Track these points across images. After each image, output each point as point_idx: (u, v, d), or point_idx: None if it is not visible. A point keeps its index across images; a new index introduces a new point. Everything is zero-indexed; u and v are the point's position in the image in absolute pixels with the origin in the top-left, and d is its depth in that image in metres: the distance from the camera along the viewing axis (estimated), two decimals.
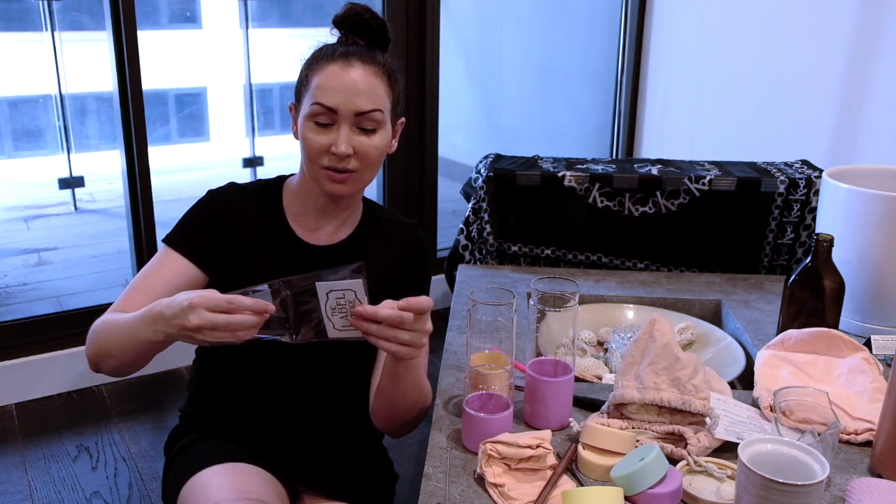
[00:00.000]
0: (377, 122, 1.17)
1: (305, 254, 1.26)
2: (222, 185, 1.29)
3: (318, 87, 1.16)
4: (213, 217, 1.24)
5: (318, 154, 1.17)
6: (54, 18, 3.04)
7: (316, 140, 1.17)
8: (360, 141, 1.17)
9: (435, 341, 1.30)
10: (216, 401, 1.29)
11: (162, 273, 1.21)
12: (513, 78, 4.28)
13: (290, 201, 1.28)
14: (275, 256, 1.25)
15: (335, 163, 1.16)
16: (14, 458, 2.03)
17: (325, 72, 1.16)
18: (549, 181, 1.88)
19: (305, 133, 1.18)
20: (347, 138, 1.15)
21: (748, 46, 2.75)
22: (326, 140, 1.16)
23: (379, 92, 1.18)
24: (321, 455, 1.28)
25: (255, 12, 3.32)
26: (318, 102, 1.15)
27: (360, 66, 1.16)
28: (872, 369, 1.27)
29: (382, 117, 1.18)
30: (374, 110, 1.16)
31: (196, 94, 6.10)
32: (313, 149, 1.17)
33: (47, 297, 3.08)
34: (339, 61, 1.16)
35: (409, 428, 1.26)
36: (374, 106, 1.16)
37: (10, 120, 4.91)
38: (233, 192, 1.27)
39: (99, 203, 4.31)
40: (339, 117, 1.15)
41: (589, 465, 1.03)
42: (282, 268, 1.23)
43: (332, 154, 1.16)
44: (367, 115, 1.16)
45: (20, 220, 4.01)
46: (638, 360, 1.11)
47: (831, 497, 1.01)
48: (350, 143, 1.16)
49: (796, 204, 1.86)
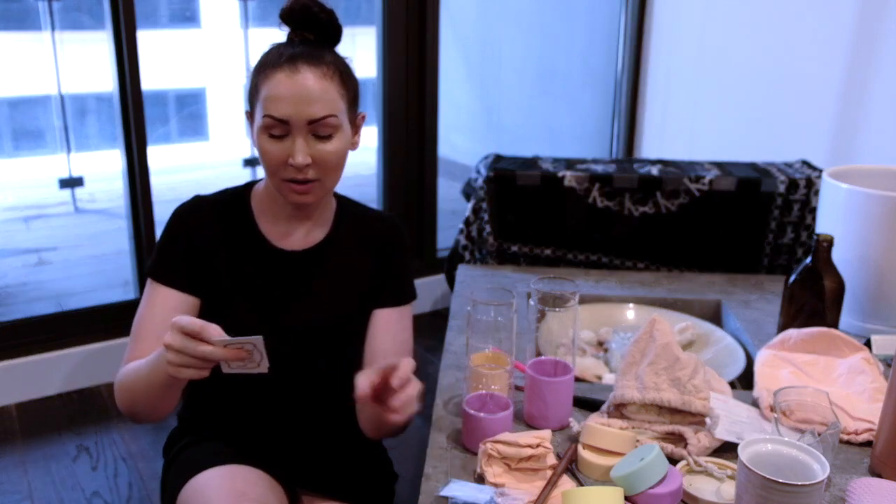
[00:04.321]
0: (333, 128, 1.13)
1: (280, 260, 1.24)
2: (188, 201, 1.26)
3: (268, 98, 1.12)
4: (185, 236, 1.22)
5: (277, 166, 1.14)
6: (54, 18, 3.04)
7: (272, 152, 1.13)
8: (318, 149, 1.13)
9: (435, 341, 1.30)
10: (213, 403, 1.29)
11: (156, 314, 1.20)
12: (513, 78, 4.28)
13: (259, 208, 1.25)
14: (251, 267, 1.23)
15: (294, 174, 1.13)
16: (14, 458, 2.03)
17: (272, 80, 1.12)
18: (548, 181, 1.88)
19: (261, 145, 1.14)
20: (303, 148, 1.12)
21: (748, 46, 2.75)
22: (282, 151, 1.13)
23: (331, 96, 1.13)
24: (320, 455, 1.28)
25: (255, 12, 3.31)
26: (269, 115, 1.12)
27: (307, 70, 1.12)
28: (872, 369, 1.27)
29: (337, 121, 1.14)
30: (328, 116, 1.12)
31: (196, 94, 6.10)
32: (271, 161, 1.14)
33: (47, 297, 3.08)
34: (286, 68, 1.12)
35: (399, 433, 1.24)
36: (328, 111, 1.12)
37: (10, 120, 4.91)
38: (199, 205, 1.25)
39: (99, 203, 4.31)
40: (292, 127, 1.12)
41: (589, 465, 1.03)
42: (260, 277, 1.22)
43: (289, 166, 1.13)
44: (320, 121, 1.12)
45: (20, 220, 4.01)
46: (638, 361, 1.11)
47: (831, 497, 1.01)
48: (307, 153, 1.12)
49: (796, 204, 1.86)
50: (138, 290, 2.50)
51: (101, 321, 2.41)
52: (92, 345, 2.38)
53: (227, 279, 1.22)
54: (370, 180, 2.97)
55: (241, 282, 1.22)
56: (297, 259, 1.24)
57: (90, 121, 4.90)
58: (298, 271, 1.24)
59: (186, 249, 1.21)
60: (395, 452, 1.48)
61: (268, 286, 1.22)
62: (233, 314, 1.21)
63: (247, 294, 1.22)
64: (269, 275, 1.23)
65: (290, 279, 1.23)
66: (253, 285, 1.21)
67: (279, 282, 1.23)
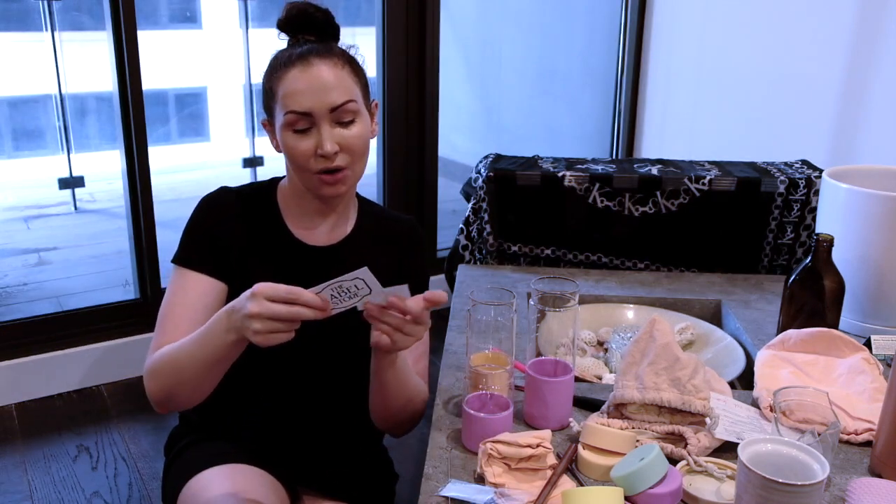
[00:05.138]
0: (354, 113, 1.16)
1: (305, 255, 1.25)
2: (214, 191, 1.27)
3: (286, 96, 1.14)
4: (213, 223, 1.23)
5: (306, 160, 1.16)
6: (54, 18, 3.04)
7: (300, 147, 1.15)
8: (343, 135, 1.15)
9: (435, 341, 1.30)
10: (214, 402, 1.29)
11: (188, 300, 1.18)
12: (513, 78, 4.28)
13: (285, 203, 1.27)
14: (276, 260, 1.24)
15: (325, 164, 1.15)
16: (14, 458, 2.03)
17: (287, 78, 1.14)
18: (548, 181, 1.88)
19: (287, 143, 1.16)
20: (330, 136, 1.14)
21: (748, 46, 2.75)
22: (310, 145, 1.15)
23: (347, 83, 1.16)
24: (321, 455, 1.28)
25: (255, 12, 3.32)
26: (291, 111, 1.14)
27: (320, 62, 1.14)
28: (872, 369, 1.27)
29: (357, 107, 1.16)
30: (348, 101, 1.15)
31: (196, 94, 6.11)
32: (300, 156, 1.16)
33: (47, 297, 3.09)
34: (298, 64, 1.14)
35: (409, 426, 1.26)
36: (347, 97, 1.15)
37: (10, 120, 4.91)
38: (226, 196, 1.26)
39: (99, 203, 4.31)
40: (315, 119, 1.14)
41: (589, 465, 1.03)
42: (285, 271, 1.23)
43: (319, 156, 1.15)
44: (342, 107, 1.14)
45: (20, 220, 4.01)
46: (638, 360, 1.11)
47: (831, 497, 1.01)
48: (334, 141, 1.14)
49: (796, 204, 1.86)
50: (138, 290, 2.50)
51: (101, 321, 2.41)
52: (92, 345, 2.38)
53: (250, 270, 1.22)
54: (370, 180, 2.97)
55: (264, 274, 1.22)
56: (321, 254, 1.26)
57: (90, 121, 4.90)
58: (322, 266, 1.24)
59: (214, 236, 1.22)
60: (395, 452, 1.48)
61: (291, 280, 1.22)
62: None
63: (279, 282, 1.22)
64: (293, 268, 1.24)
65: (314, 273, 1.23)
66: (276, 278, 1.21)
67: (303, 276, 1.23)
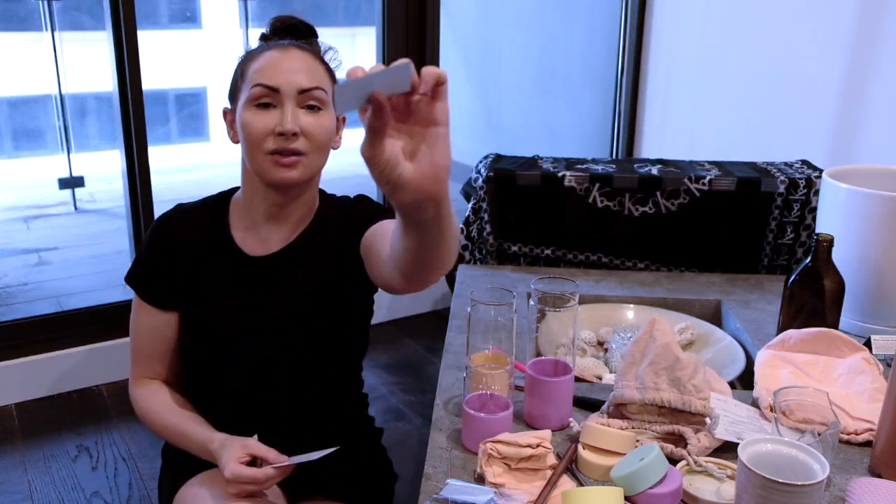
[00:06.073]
0: (321, 102, 1.13)
1: (245, 266, 1.22)
2: (169, 211, 1.26)
3: (257, 71, 1.12)
4: (162, 252, 1.23)
5: (262, 137, 1.11)
6: (54, 18, 3.04)
7: (258, 122, 1.11)
8: (307, 120, 1.12)
9: (435, 341, 1.30)
10: (209, 405, 1.28)
11: (145, 334, 1.26)
12: (513, 78, 4.28)
13: (236, 215, 1.24)
14: (218, 275, 1.23)
15: (282, 144, 1.10)
16: (14, 458, 2.03)
17: (262, 58, 1.14)
18: (548, 181, 1.88)
19: (246, 119, 1.12)
20: (294, 116, 1.10)
21: (748, 46, 2.75)
22: (270, 121, 1.11)
23: (320, 74, 1.15)
24: None
25: (255, 12, 3.32)
26: (259, 84, 1.11)
27: (297, 51, 1.15)
28: (872, 369, 1.27)
29: (326, 97, 1.14)
30: (317, 87, 1.13)
31: (196, 94, 6.11)
32: (256, 132, 1.11)
33: (47, 297, 3.09)
34: (276, 49, 1.15)
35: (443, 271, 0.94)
36: (317, 83, 1.13)
37: (10, 120, 4.91)
38: (180, 216, 1.25)
39: (99, 203, 4.31)
40: (282, 97, 1.11)
41: (589, 465, 1.03)
42: (228, 284, 1.22)
43: (277, 135, 1.10)
44: (310, 91, 1.12)
45: (20, 220, 4.01)
46: (638, 360, 1.11)
47: (831, 497, 1.01)
48: (297, 122, 1.10)
49: (796, 204, 1.86)
50: None
51: (101, 321, 2.41)
52: (92, 345, 2.38)
53: (195, 292, 1.22)
54: (371, 180, 2.97)
55: (207, 292, 1.22)
56: (258, 264, 1.22)
57: (90, 121, 4.90)
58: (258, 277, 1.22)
59: (164, 266, 1.22)
60: (395, 452, 1.48)
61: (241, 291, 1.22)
62: (209, 320, 1.22)
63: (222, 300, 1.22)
64: (239, 283, 1.22)
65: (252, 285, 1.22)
66: (218, 294, 1.22)
67: (242, 288, 1.22)
